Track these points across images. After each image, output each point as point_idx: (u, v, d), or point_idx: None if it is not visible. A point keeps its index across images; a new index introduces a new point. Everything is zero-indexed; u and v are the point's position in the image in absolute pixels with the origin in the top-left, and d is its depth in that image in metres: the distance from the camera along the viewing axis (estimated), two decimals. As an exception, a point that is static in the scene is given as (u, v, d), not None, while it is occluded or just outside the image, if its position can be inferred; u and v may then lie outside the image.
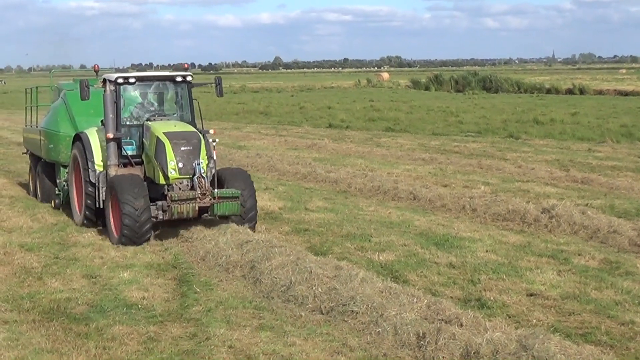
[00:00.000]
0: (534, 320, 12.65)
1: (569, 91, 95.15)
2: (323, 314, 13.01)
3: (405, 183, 26.01)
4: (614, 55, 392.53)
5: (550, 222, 19.57)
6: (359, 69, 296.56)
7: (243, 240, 16.84)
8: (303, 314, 13.07)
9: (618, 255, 16.78)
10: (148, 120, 19.45)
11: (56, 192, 23.60)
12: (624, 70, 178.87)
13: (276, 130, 52.21)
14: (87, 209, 20.08)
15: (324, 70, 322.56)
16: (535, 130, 46.93)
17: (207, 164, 18.51)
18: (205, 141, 18.74)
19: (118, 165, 19.38)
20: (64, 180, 22.84)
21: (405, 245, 17.94)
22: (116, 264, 16.77)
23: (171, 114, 20.12)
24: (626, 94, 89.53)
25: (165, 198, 18.28)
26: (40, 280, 15.69)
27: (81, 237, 19.28)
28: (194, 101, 20.06)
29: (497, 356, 10.62)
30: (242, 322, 12.87)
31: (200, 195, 17.87)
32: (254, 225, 18.96)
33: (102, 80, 19.77)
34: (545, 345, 10.56)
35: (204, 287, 14.90)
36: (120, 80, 19.36)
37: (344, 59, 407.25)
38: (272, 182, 28.08)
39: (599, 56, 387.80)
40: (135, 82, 19.59)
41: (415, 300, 12.79)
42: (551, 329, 12.00)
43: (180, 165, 18.04)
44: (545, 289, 14.34)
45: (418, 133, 48.60)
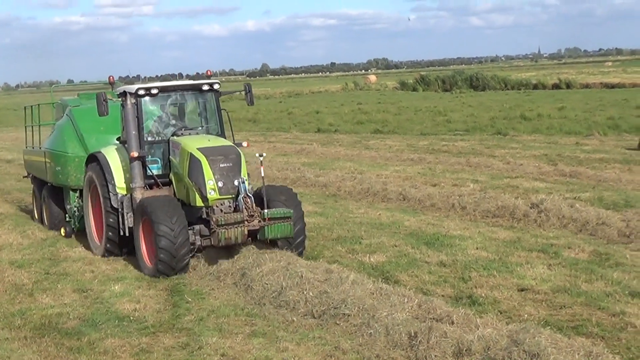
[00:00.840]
0: (525, 315, 12.67)
1: (556, 86, 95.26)
2: (315, 317, 13.02)
3: (394, 184, 26.06)
4: (599, 49, 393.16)
5: (540, 217, 19.62)
6: (346, 73, 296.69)
7: (233, 248, 16.83)
8: (295, 318, 13.08)
9: (607, 247, 16.83)
10: (174, 135, 17.62)
11: (66, 219, 21.79)
12: (609, 63, 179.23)
13: (265, 137, 52.25)
14: (109, 241, 18.14)
15: (312, 75, 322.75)
16: (522, 126, 47.03)
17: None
18: None
19: (144, 187, 17.59)
20: (75, 206, 21.14)
21: (395, 246, 17.96)
22: (107, 277, 16.77)
23: (197, 127, 18.22)
24: (612, 86, 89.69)
25: (202, 222, 16.58)
26: (31, 296, 15.67)
27: (72, 252, 19.26)
28: (223, 111, 18.36)
29: (489, 352, 10.64)
30: (235, 330, 12.88)
31: (248, 218, 15.95)
32: (301, 251, 17.03)
33: (121, 94, 17.88)
34: (536, 340, 10.56)
35: (195, 297, 14.90)
36: (142, 92, 17.47)
37: (331, 63, 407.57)
38: (262, 189, 28.02)
39: (585, 50, 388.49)
40: (157, 94, 17.67)
41: (406, 300, 12.83)
42: (542, 323, 12.03)
43: (220, 184, 16.19)
44: (536, 284, 14.36)
45: (406, 134, 48.66)
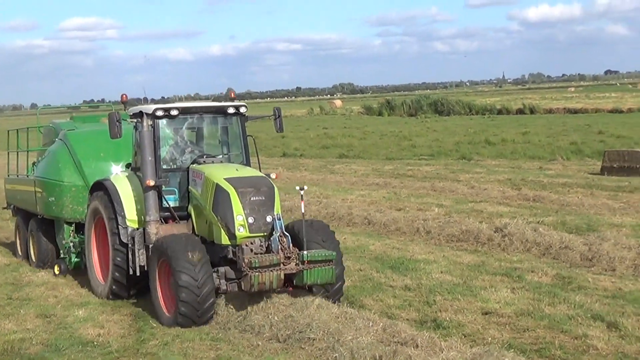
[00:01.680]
0: (489, 338, 12.74)
1: (520, 111, 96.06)
2: (280, 342, 13.01)
3: (359, 208, 26.15)
4: (563, 74, 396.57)
5: (504, 241, 19.75)
6: (312, 97, 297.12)
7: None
8: (260, 343, 13.05)
9: (570, 271, 16.97)
10: (195, 162, 15.82)
11: (60, 255, 19.82)
12: (572, 89, 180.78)
13: (230, 162, 52.13)
14: (116, 282, 16.21)
15: (277, 99, 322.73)
16: (487, 151, 47.37)
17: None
18: None
19: (159, 221, 15.67)
20: (71, 241, 19.15)
21: (360, 270, 18.01)
22: (71, 302, 16.66)
23: (218, 155, 16.40)
24: (575, 111, 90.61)
25: (227, 262, 14.62)
26: (-7, 322, 15.51)
27: (35, 277, 19.12)
28: (248, 138, 16.46)
29: (453, 375, 10.68)
30: (199, 355, 12.83)
31: (285, 260, 13.95)
32: (339, 297, 15.03)
33: (135, 114, 16.09)
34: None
35: (160, 322, 14.83)
36: (160, 113, 15.67)
37: (297, 87, 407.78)
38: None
39: (548, 75, 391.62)
40: (177, 115, 15.83)
41: (371, 324, 12.88)
42: (506, 346, 12.10)
43: (251, 220, 14.23)
44: (499, 307, 14.45)
45: (372, 158, 48.84)
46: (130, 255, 15.85)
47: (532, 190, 29.19)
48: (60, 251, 19.75)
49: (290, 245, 13.98)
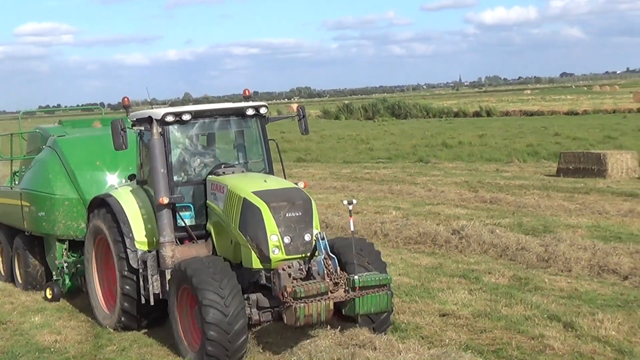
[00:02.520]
0: (447, 340, 12.79)
1: (476, 114, 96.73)
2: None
3: (317, 212, 26.09)
4: (519, 77, 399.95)
5: (461, 243, 19.86)
6: (269, 102, 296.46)
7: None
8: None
9: (527, 272, 17.08)
10: (213, 173, 13.78)
11: (53, 277, 17.56)
12: (528, 91, 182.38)
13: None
14: (126, 313, 14.24)
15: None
16: (444, 154, 47.57)
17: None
18: None
19: (175, 242, 13.67)
20: (65, 260, 17.15)
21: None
22: (27, 308, 16.56)
23: (237, 163, 14.45)
24: (531, 114, 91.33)
25: (257, 288, 12.69)
26: (-52, 329, 15.35)
27: (-10, 284, 18.94)
28: (270, 142, 14.62)
29: (411, 377, 10.70)
30: (157, 360, 12.83)
31: (333, 286, 11.90)
32: (387, 328, 13.18)
33: (140, 120, 14.07)
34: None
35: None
36: (170, 119, 13.59)
37: (254, 92, 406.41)
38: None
39: (504, 78, 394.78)
40: (190, 120, 13.78)
41: (329, 327, 12.86)
42: (463, 347, 12.17)
43: (287, 240, 12.28)
44: (457, 309, 14.51)
45: (329, 162, 48.90)
46: (141, 282, 13.86)
47: (489, 192, 29.35)
48: (53, 273, 17.53)
49: (338, 268, 12.01)
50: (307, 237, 12.39)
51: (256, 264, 12.41)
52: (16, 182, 19.73)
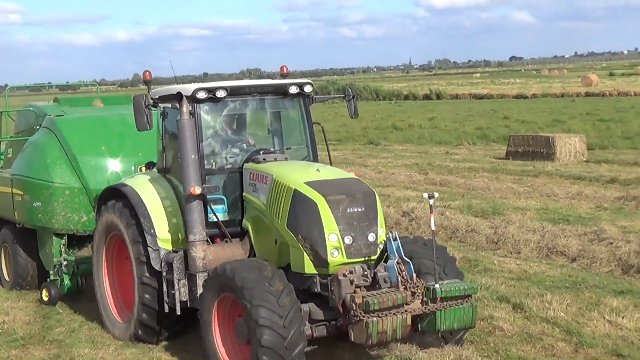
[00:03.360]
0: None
1: (426, 97, 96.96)
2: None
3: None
4: (468, 60, 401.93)
5: (411, 225, 19.93)
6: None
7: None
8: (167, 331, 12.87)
9: (476, 253, 17.20)
10: (251, 160, 11.95)
11: (50, 277, 15.46)
12: (478, 75, 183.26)
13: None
14: (143, 325, 12.29)
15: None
16: (394, 136, 47.72)
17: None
18: None
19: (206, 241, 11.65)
20: (65, 258, 15.27)
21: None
22: (-27, 289, 16.35)
23: (277, 148, 12.69)
24: (480, 97, 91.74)
25: (310, 297, 10.76)
26: None
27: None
28: (315, 126, 12.86)
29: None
30: (107, 341, 12.79)
31: (410, 296, 10.21)
32: (460, 338, 11.28)
33: (164, 97, 12.27)
34: (407, 345, 10.78)
35: (67, 308, 14.67)
36: (202, 95, 11.66)
37: (204, 73, 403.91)
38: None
39: (454, 61, 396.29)
40: (224, 98, 11.89)
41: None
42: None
43: (349, 240, 10.47)
44: (407, 290, 14.52)
45: (280, 144, 48.74)
46: (165, 288, 11.87)
47: (439, 174, 29.51)
48: (50, 272, 15.47)
49: (414, 275, 10.34)
50: (372, 237, 10.57)
51: (309, 268, 10.52)
52: None
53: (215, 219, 11.64)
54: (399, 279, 10.21)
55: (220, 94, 11.73)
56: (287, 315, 9.83)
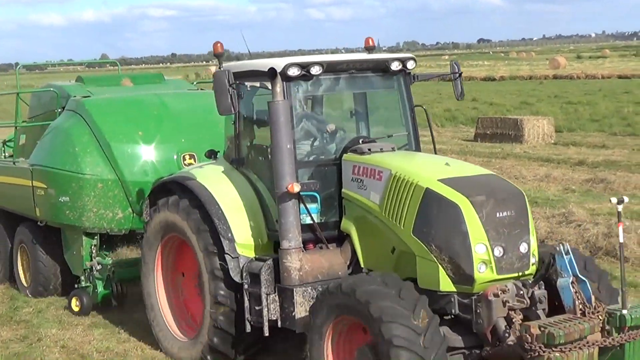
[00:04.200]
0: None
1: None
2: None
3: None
4: (437, 43, 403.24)
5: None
6: (187, 64, 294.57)
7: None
8: (136, 315, 12.78)
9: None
10: (352, 151, 9.95)
11: (81, 283, 13.41)
12: (446, 57, 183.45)
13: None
14: (214, 351, 10.40)
15: (152, 66, 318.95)
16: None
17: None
18: None
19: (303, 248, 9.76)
20: (98, 262, 13.13)
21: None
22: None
23: (379, 136, 10.65)
24: (448, 79, 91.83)
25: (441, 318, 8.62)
26: None
27: None
28: (417, 109, 10.93)
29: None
30: (74, 322, 12.77)
31: (598, 325, 8.18)
32: None
33: (245, 73, 10.17)
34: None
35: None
36: (294, 72, 9.66)
37: (172, 54, 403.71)
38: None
39: (423, 44, 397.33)
40: (319, 74, 9.85)
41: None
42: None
43: (498, 252, 8.66)
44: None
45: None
46: (247, 303, 9.89)
47: (408, 156, 29.51)
48: (81, 278, 13.39)
49: (592, 297, 8.31)
50: (524, 248, 8.80)
51: (446, 285, 8.68)
52: (5, 154, 16.27)
53: (310, 221, 9.77)
54: (576, 302, 8.23)
55: (315, 70, 9.75)
56: (427, 333, 8.06)
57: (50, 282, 14.08)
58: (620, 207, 8.37)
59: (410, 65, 10.45)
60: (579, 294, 8.26)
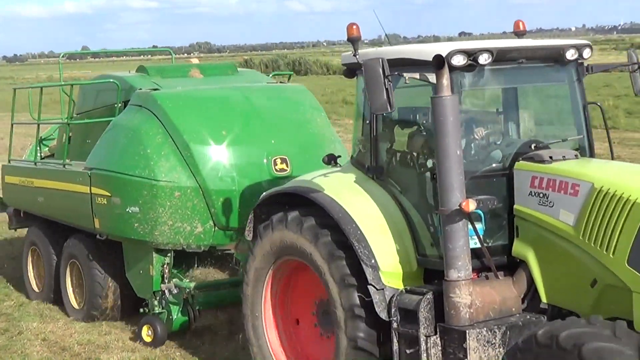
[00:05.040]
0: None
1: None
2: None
3: None
4: (418, 36, 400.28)
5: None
6: (168, 56, 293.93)
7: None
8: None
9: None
10: (526, 158, 8.10)
11: (154, 308, 11.44)
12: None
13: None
14: None
15: (133, 58, 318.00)
16: (344, 111, 47.69)
17: None
18: None
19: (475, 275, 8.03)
20: (175, 285, 11.28)
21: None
22: None
23: (550, 140, 8.63)
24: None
25: None
26: None
27: None
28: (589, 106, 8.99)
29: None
30: (56, 315, 12.86)
31: None
32: None
33: (396, 61, 8.13)
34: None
35: (15, 282, 14.60)
36: (459, 61, 7.84)
37: (153, 46, 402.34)
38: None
39: (404, 37, 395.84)
40: (486, 64, 7.96)
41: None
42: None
43: None
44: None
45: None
46: (396, 345, 7.96)
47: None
48: (155, 302, 11.46)
49: None
50: None
51: None
52: (40, 154, 14.31)
53: (475, 245, 7.78)
54: None
55: (483, 59, 7.89)
56: None
57: (108, 306, 12.30)
58: None
59: (586, 54, 8.58)
60: None
